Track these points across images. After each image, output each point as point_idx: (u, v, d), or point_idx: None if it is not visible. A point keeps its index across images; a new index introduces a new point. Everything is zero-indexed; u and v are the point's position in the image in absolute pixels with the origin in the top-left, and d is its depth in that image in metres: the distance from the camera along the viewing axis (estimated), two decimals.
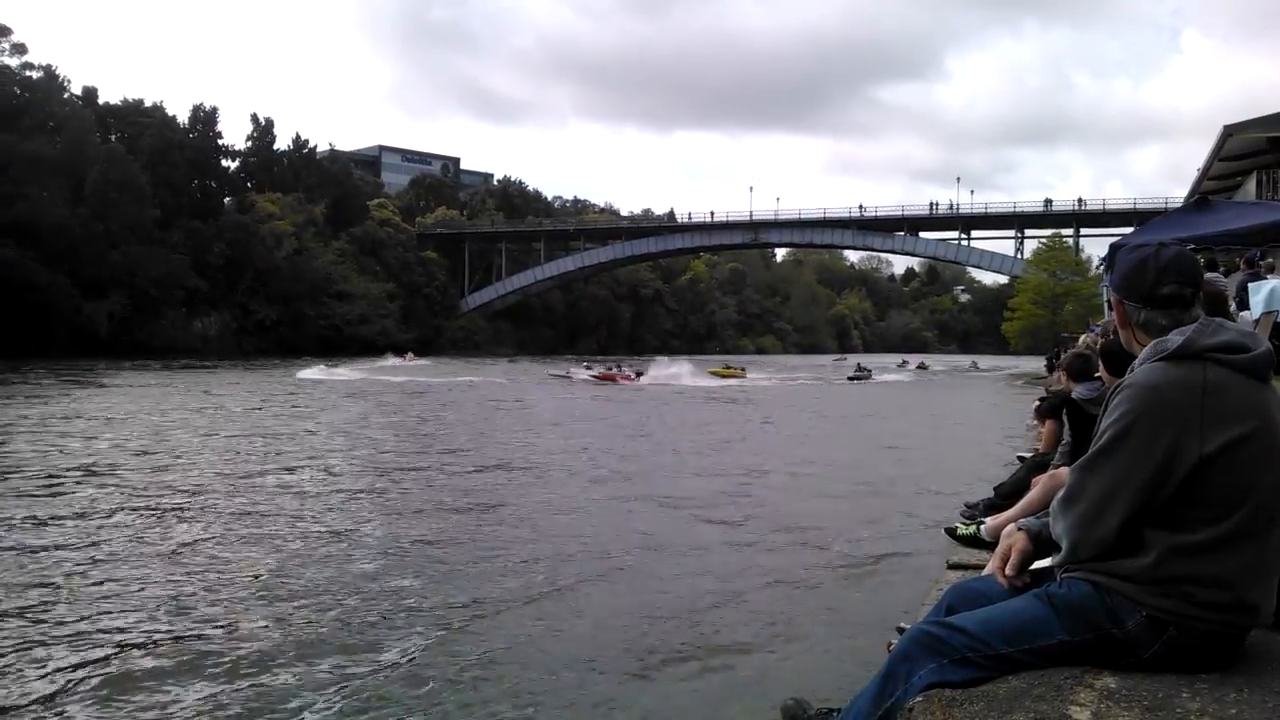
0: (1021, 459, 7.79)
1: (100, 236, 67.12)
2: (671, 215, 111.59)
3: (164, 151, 76.65)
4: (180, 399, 30.40)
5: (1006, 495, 6.14)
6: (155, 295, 70.41)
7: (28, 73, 71.66)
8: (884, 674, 2.33)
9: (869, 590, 8.40)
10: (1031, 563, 2.48)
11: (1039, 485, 5.04)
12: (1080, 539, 2.23)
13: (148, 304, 70.17)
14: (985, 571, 2.65)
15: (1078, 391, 5.04)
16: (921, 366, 76.37)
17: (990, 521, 5.28)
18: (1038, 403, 6.86)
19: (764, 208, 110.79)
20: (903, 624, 3.70)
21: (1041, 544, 2.46)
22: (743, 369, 56.28)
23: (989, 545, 4.61)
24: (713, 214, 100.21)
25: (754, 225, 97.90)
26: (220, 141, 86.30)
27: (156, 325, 70.30)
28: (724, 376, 51.44)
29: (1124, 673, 2.16)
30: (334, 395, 34.44)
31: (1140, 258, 2.33)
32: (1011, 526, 2.59)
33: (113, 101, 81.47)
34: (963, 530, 5.51)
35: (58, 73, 73.56)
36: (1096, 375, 4.95)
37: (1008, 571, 2.46)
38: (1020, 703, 2.04)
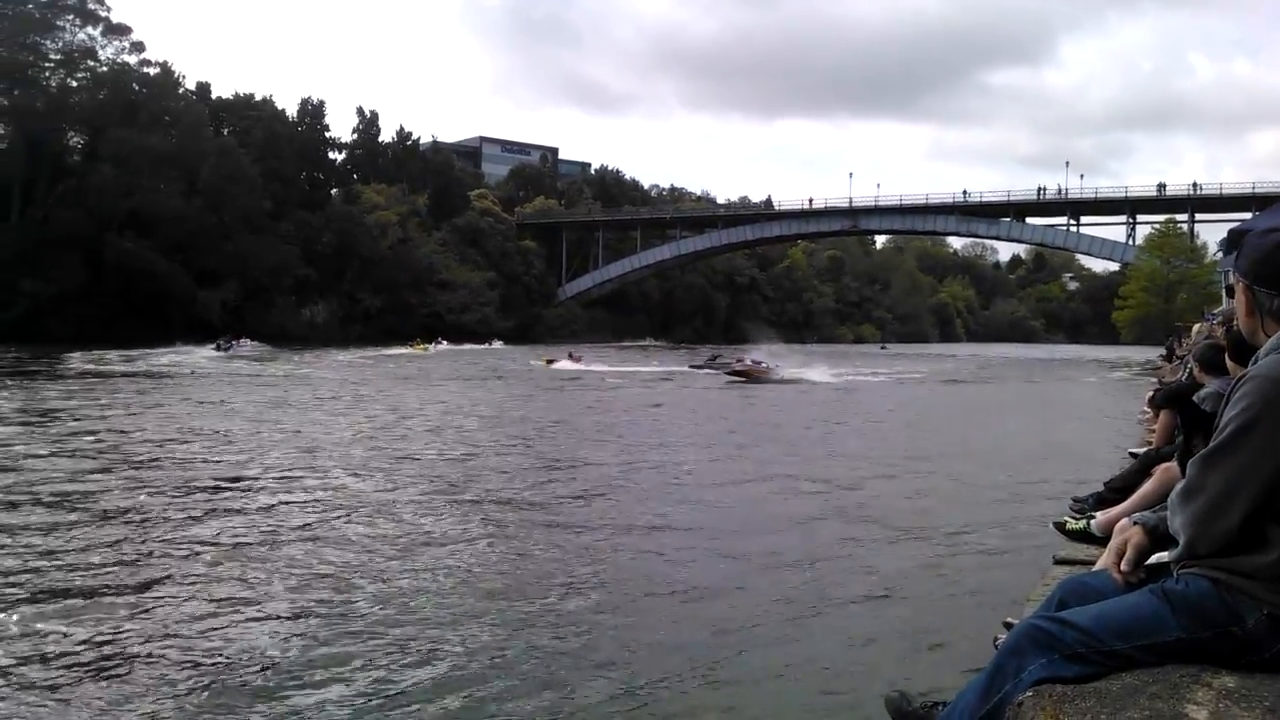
0: (1133, 455, 7.53)
1: (214, 227, 69.77)
2: (769, 203, 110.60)
3: (273, 144, 79.15)
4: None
5: (1117, 490, 5.95)
6: (266, 284, 72.87)
7: (145, 70, 74.54)
8: (992, 668, 2.30)
9: (974, 584, 8.30)
10: (1147, 558, 2.43)
11: (1154, 479, 4.89)
12: (1199, 535, 2.18)
13: (259, 292, 72.62)
14: (1098, 566, 2.60)
15: (1213, 386, 4.81)
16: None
17: (1101, 516, 5.14)
18: (1151, 393, 6.65)
19: (864, 194, 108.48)
20: (1010, 619, 3.64)
21: (1157, 539, 2.41)
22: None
23: (1098, 540, 4.50)
24: (810, 201, 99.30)
25: (853, 212, 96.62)
26: (327, 134, 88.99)
27: (267, 313, 72.59)
28: None
29: (1244, 672, 2.10)
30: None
31: (1276, 241, 2.24)
32: (1126, 521, 2.54)
33: (225, 96, 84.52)
34: (1072, 525, 5.36)
35: (173, 69, 76.40)
36: None
37: (1123, 566, 2.42)
38: (1134, 700, 2.00)
